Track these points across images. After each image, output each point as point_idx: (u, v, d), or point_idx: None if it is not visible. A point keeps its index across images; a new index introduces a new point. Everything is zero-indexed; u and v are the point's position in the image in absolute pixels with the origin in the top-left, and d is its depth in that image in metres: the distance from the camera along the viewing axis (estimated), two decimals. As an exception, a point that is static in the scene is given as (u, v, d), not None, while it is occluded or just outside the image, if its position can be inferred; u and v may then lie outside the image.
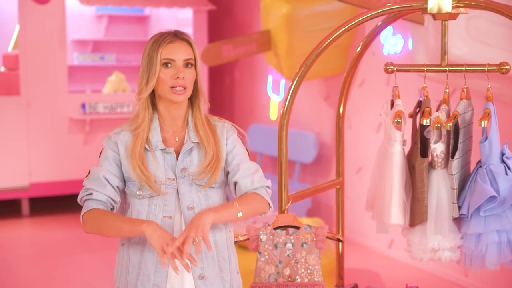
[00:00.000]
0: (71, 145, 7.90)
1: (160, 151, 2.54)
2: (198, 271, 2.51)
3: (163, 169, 2.52)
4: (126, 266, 2.57)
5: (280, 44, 6.61)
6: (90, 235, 6.86)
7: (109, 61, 9.41)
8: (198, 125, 2.57)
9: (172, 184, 2.52)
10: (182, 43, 2.52)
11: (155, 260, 2.50)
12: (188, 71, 2.51)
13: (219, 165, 2.55)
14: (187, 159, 2.54)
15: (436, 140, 3.11)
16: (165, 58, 2.48)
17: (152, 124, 2.54)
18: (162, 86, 2.49)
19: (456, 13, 3.08)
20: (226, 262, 2.59)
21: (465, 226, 3.08)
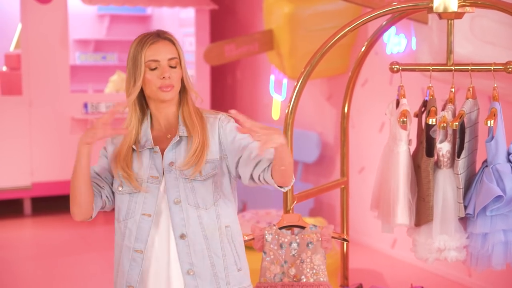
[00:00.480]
0: (73, 144, 7.79)
1: (148, 151, 2.55)
2: (186, 266, 2.49)
3: (147, 167, 2.53)
4: (115, 260, 2.60)
5: (283, 44, 6.61)
6: (93, 235, 6.78)
7: (111, 60, 9.40)
8: (186, 117, 2.57)
9: (154, 182, 2.52)
10: (164, 43, 2.53)
11: (130, 257, 2.51)
12: (173, 70, 2.52)
13: (203, 154, 2.52)
14: (174, 152, 2.54)
15: (442, 140, 3.10)
16: (149, 59, 2.49)
17: (142, 125, 2.57)
18: (149, 87, 2.51)
19: (462, 12, 3.07)
20: (219, 257, 2.53)
21: (471, 226, 3.07)
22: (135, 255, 2.51)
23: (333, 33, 3.23)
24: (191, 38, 8.73)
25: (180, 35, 9.07)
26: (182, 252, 2.49)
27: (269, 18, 6.76)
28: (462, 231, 3.11)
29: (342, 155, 3.75)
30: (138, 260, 2.51)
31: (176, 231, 2.49)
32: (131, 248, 2.51)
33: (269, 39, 6.72)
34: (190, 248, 2.50)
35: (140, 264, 2.50)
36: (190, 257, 2.50)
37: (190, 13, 8.66)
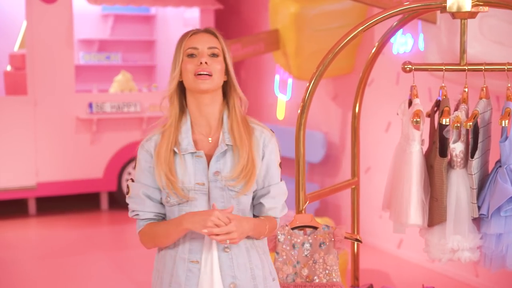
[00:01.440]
0: (78, 144, 7.89)
1: (190, 155, 2.44)
2: (229, 279, 2.43)
3: (192, 173, 2.43)
4: (162, 271, 2.51)
5: (289, 44, 6.60)
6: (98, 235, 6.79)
7: (115, 60, 9.39)
8: (234, 127, 2.46)
9: (202, 189, 2.43)
10: (206, 34, 2.48)
11: (186, 268, 2.44)
12: (214, 59, 2.43)
13: (254, 172, 2.44)
14: (220, 162, 2.45)
15: (455, 140, 3.09)
16: (188, 48, 2.44)
17: (183, 126, 2.47)
18: (186, 76, 2.43)
19: (475, 11, 3.06)
20: (259, 269, 2.49)
21: (485, 226, 3.05)
22: (190, 266, 2.44)
23: (345, 33, 3.21)
24: (195, 38, 8.71)
25: (185, 35, 9.06)
26: (225, 265, 2.44)
27: (275, 18, 6.76)
28: (475, 231, 3.10)
29: (352, 155, 3.74)
30: (195, 271, 2.43)
31: (219, 244, 2.43)
32: (185, 259, 2.44)
33: (275, 39, 6.71)
34: (233, 261, 2.45)
35: (197, 274, 2.43)
36: (233, 270, 2.44)
37: (195, 13, 8.65)
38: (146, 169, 2.48)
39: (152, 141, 2.49)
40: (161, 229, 2.45)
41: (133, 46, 9.70)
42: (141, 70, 9.61)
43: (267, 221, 2.51)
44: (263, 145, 2.50)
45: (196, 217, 2.34)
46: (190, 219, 2.35)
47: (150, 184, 2.47)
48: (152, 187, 2.47)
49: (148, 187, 2.47)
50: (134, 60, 9.69)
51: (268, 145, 2.51)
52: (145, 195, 2.47)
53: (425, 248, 3.25)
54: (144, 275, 5.92)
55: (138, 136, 8.08)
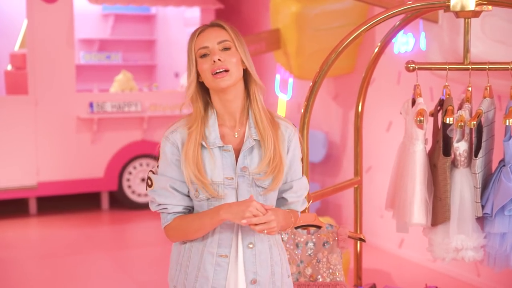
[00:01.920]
0: (79, 144, 7.88)
1: (218, 149, 2.42)
2: (251, 275, 2.43)
3: (220, 168, 2.40)
4: (186, 265, 2.48)
5: (290, 43, 6.60)
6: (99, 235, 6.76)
7: (115, 60, 9.39)
8: (257, 120, 2.44)
9: (230, 184, 2.41)
10: (213, 29, 2.44)
11: (214, 262, 2.43)
12: (227, 53, 2.40)
13: (282, 167, 2.43)
14: (248, 157, 2.43)
15: (459, 139, 3.09)
16: (198, 48, 2.41)
17: (209, 120, 2.45)
18: (204, 76, 2.41)
19: (479, 10, 3.06)
20: (278, 266, 2.50)
21: (488, 225, 3.05)
22: (219, 260, 2.43)
23: (349, 33, 3.20)
24: (196, 38, 8.71)
25: (185, 35, 9.06)
26: (248, 261, 2.43)
27: (276, 17, 6.75)
28: (479, 230, 3.10)
29: (355, 154, 3.73)
30: (223, 265, 2.43)
31: (245, 239, 2.43)
32: (214, 253, 2.43)
33: (276, 39, 6.71)
34: (256, 257, 2.44)
35: (226, 268, 2.43)
36: (255, 266, 2.44)
37: (195, 12, 8.65)
38: (172, 162, 2.44)
39: (177, 133, 2.45)
40: (194, 222, 2.42)
41: (134, 46, 9.71)
42: (142, 70, 9.62)
43: (292, 214, 2.52)
44: (287, 140, 2.49)
45: (233, 207, 2.33)
46: (228, 210, 2.33)
47: (176, 177, 2.44)
48: (179, 181, 2.43)
49: (175, 181, 2.44)
50: (134, 59, 9.69)
51: (292, 140, 2.50)
52: (172, 188, 2.44)
53: (428, 248, 3.25)
54: (146, 274, 5.92)
55: (139, 136, 8.08)
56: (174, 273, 2.53)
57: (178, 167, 2.43)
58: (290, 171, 2.51)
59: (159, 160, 2.48)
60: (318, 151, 7.19)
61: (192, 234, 2.43)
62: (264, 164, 2.41)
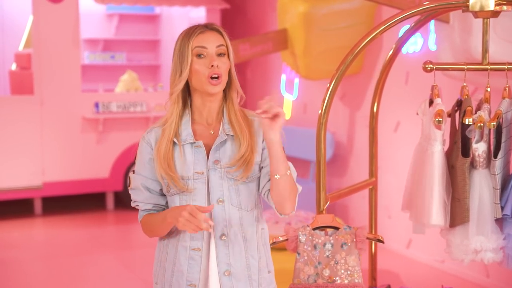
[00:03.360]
0: (84, 144, 7.86)
1: (190, 145, 2.48)
2: (224, 267, 2.47)
3: (191, 164, 2.47)
4: (164, 261, 2.55)
5: (297, 43, 6.58)
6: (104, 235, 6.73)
7: (119, 60, 9.37)
8: (232, 118, 2.50)
9: (200, 178, 2.46)
10: (212, 33, 2.46)
11: (188, 256, 2.48)
12: (222, 60, 2.44)
13: (252, 158, 2.47)
14: (219, 151, 2.48)
15: (477, 140, 3.07)
16: (197, 46, 2.43)
17: (183, 119, 2.50)
18: (197, 77, 2.44)
19: (498, 10, 3.04)
20: (255, 259, 2.52)
21: (508, 227, 3.04)
22: (192, 254, 2.48)
23: (366, 34, 3.21)
24: (201, 38, 8.69)
25: (190, 35, 9.04)
26: (221, 252, 2.47)
27: (283, 17, 6.74)
28: (498, 232, 3.08)
29: (370, 155, 3.72)
30: (197, 258, 2.48)
31: (217, 231, 2.47)
32: (187, 247, 2.48)
33: (283, 39, 6.70)
34: (229, 249, 2.47)
35: (199, 262, 2.48)
36: (228, 258, 2.48)
37: (200, 12, 8.63)
38: (146, 161, 2.53)
39: (152, 133, 2.53)
40: (155, 221, 2.51)
41: (138, 46, 9.68)
42: (146, 70, 9.59)
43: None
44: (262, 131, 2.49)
45: (174, 210, 2.39)
46: (170, 213, 2.41)
47: (149, 176, 2.53)
48: (151, 179, 2.52)
49: (147, 179, 2.53)
50: (138, 59, 9.66)
51: None
52: (144, 187, 2.53)
53: (446, 249, 3.23)
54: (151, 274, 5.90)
55: (144, 136, 8.05)
56: (156, 270, 2.61)
57: (151, 165, 2.52)
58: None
59: (136, 159, 2.57)
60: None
61: (156, 231, 2.53)
62: (237, 158, 2.46)
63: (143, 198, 2.54)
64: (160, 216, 2.48)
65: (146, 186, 2.53)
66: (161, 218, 2.47)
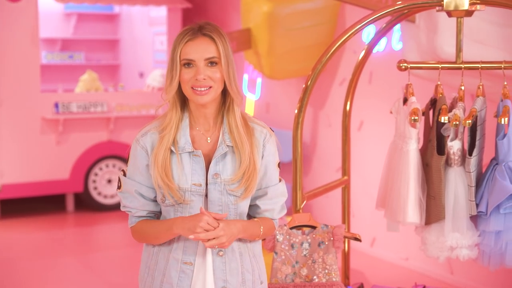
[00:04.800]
0: (43, 145, 7.72)
1: (188, 154, 2.38)
2: (220, 283, 2.41)
3: (189, 173, 2.37)
4: (153, 269, 2.47)
5: (261, 43, 6.57)
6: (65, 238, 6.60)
7: (78, 60, 9.26)
8: (232, 127, 2.39)
9: (198, 191, 2.38)
10: (203, 40, 2.33)
11: (179, 269, 2.41)
12: (212, 70, 2.32)
13: (255, 176, 2.38)
14: (220, 164, 2.39)
15: (452, 138, 3.10)
16: (183, 58, 2.34)
17: (181, 124, 2.41)
18: (184, 87, 2.36)
19: (472, 10, 3.07)
20: (249, 273, 2.47)
21: (483, 224, 3.07)
22: (184, 267, 2.41)
23: (341, 34, 3.21)
24: (162, 37, 8.64)
25: (151, 34, 8.98)
26: (218, 269, 2.41)
27: (247, 16, 6.72)
28: (473, 229, 3.11)
29: (343, 154, 3.73)
30: (188, 272, 2.41)
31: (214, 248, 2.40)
32: (179, 260, 2.42)
33: (247, 38, 6.68)
34: (226, 265, 2.42)
35: (191, 276, 2.41)
36: (225, 274, 2.42)
37: (161, 11, 8.57)
38: (141, 167, 2.42)
39: (148, 137, 2.42)
40: (152, 230, 2.43)
41: (97, 45, 9.57)
42: (105, 70, 9.49)
43: (262, 223, 2.46)
44: (262, 145, 2.43)
45: (185, 222, 2.32)
46: (180, 225, 2.33)
47: (143, 182, 2.42)
48: (146, 186, 2.43)
49: (141, 186, 2.43)
50: (97, 59, 9.56)
51: (266, 145, 2.44)
52: (138, 194, 2.43)
53: (421, 246, 3.25)
54: (118, 276, 5.84)
55: (105, 137, 7.96)
56: (143, 275, 2.53)
57: (146, 172, 2.42)
58: (265, 177, 2.46)
59: (128, 162, 2.46)
60: (288, 151, 7.16)
61: (151, 240, 2.46)
62: (239, 175, 2.37)
63: (137, 205, 2.45)
64: (164, 225, 2.40)
65: (140, 193, 2.43)
66: (165, 227, 2.39)
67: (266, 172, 2.45)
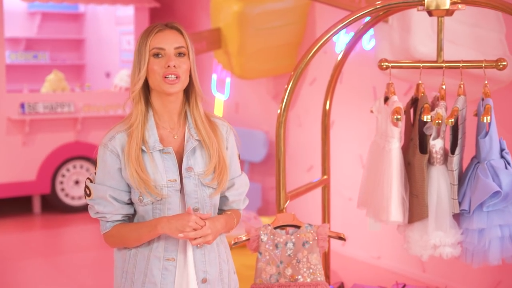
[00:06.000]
0: (9, 146, 7.59)
1: (158, 152, 2.41)
2: (201, 274, 2.44)
3: (163, 171, 2.40)
4: (132, 272, 2.46)
5: (231, 42, 6.55)
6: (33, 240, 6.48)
7: (42, 59, 9.14)
8: (198, 123, 2.45)
9: (174, 186, 2.40)
10: (172, 32, 2.42)
11: (161, 267, 2.42)
12: (181, 60, 2.39)
13: (226, 168, 2.46)
14: (192, 158, 2.43)
15: (434, 137, 3.12)
16: (154, 47, 2.38)
17: (147, 123, 2.43)
18: (153, 77, 2.39)
19: (453, 9, 3.09)
20: (225, 263, 2.52)
21: (466, 222, 3.09)
22: (166, 264, 2.42)
23: (322, 34, 3.21)
24: (129, 37, 8.56)
25: (117, 34, 8.88)
26: (199, 261, 2.44)
27: (217, 16, 6.69)
28: (456, 227, 3.13)
29: (323, 153, 3.73)
30: (171, 269, 2.42)
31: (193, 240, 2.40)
32: (161, 257, 2.42)
33: (217, 38, 6.65)
34: (205, 256, 2.45)
35: (174, 272, 2.42)
36: (205, 265, 2.45)
37: (128, 11, 8.49)
38: (112, 171, 2.42)
39: (116, 140, 2.42)
40: (133, 233, 2.42)
41: (61, 45, 9.45)
42: (70, 70, 9.37)
43: (234, 215, 2.55)
44: (225, 138, 2.52)
45: (172, 223, 2.33)
46: (167, 225, 2.34)
47: (116, 186, 2.42)
48: (119, 189, 2.43)
49: (114, 190, 2.42)
50: (62, 59, 9.44)
51: (229, 138, 2.54)
52: (111, 198, 2.42)
53: (404, 245, 3.26)
54: (87, 278, 5.77)
55: (72, 137, 7.85)
56: (120, 281, 2.51)
57: (118, 175, 2.42)
58: (230, 169, 2.53)
59: (96, 168, 2.45)
60: (259, 151, 7.18)
61: (131, 243, 2.45)
62: (211, 168, 2.43)
63: (111, 209, 2.43)
64: (146, 227, 2.39)
65: (114, 197, 2.42)
66: (147, 229, 2.39)
67: (231, 164, 2.54)
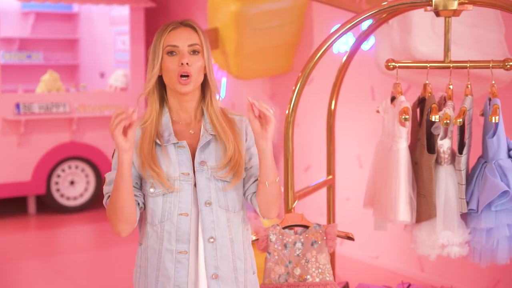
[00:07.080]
0: (4, 146, 7.56)
1: (172, 145, 2.42)
2: (212, 270, 2.41)
3: (176, 164, 2.40)
4: (145, 267, 2.46)
5: (229, 42, 6.55)
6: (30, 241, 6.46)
7: (36, 59, 9.09)
8: (213, 119, 2.45)
9: (187, 179, 2.40)
10: (186, 29, 2.42)
11: (174, 260, 2.40)
12: (195, 58, 2.40)
13: (242, 161, 2.43)
14: (205, 152, 2.43)
15: (442, 137, 3.13)
16: (168, 44, 2.38)
17: (162, 118, 2.45)
18: (168, 75, 2.40)
19: (460, 9, 3.10)
20: (241, 261, 2.48)
21: (474, 221, 3.10)
22: (179, 257, 2.40)
23: (330, 34, 3.22)
24: (123, 37, 8.53)
25: (111, 34, 8.86)
26: (209, 255, 2.41)
27: (214, 16, 6.69)
28: (464, 226, 3.15)
29: (328, 153, 3.74)
30: (184, 261, 2.40)
31: (205, 234, 2.41)
32: (173, 250, 2.40)
33: (214, 38, 6.64)
34: (217, 251, 2.42)
35: (186, 265, 2.40)
36: (216, 260, 2.42)
37: (123, 11, 8.46)
38: None
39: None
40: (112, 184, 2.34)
41: (55, 45, 9.40)
42: (64, 70, 9.33)
43: None
44: (245, 131, 2.51)
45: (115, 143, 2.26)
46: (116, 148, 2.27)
47: None
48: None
49: None
50: (56, 59, 9.39)
51: (248, 129, 2.51)
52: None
53: (412, 245, 3.27)
54: (83, 278, 5.76)
55: (67, 138, 7.83)
56: (136, 277, 2.51)
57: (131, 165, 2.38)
58: (254, 157, 2.49)
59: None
60: (255, 151, 7.17)
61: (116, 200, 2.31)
62: (225, 162, 2.42)
63: None
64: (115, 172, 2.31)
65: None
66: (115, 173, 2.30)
67: (254, 153, 2.49)
